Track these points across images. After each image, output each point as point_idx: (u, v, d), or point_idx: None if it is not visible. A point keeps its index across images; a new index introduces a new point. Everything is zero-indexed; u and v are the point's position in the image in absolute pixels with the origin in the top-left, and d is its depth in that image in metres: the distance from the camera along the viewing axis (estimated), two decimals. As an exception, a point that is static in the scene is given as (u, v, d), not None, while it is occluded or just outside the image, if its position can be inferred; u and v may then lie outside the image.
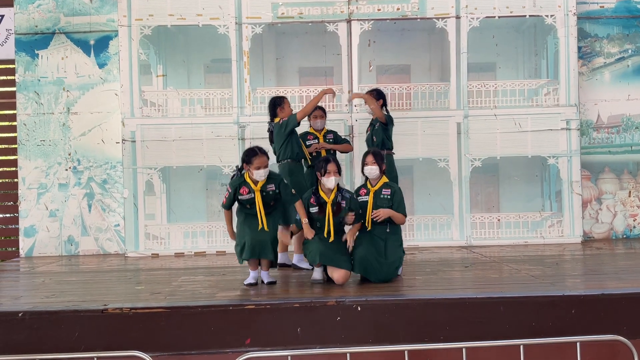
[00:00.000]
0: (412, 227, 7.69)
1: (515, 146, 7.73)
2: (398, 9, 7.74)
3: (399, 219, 5.12)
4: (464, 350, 3.68)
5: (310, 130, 6.35)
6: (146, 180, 7.72)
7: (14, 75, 8.10)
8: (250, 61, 7.77)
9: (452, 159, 7.69)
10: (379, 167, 5.17)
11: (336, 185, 5.13)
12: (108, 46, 8.03)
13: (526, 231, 7.71)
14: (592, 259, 6.46)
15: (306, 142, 6.22)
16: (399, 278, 5.25)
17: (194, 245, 7.69)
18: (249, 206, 5.06)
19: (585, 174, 7.99)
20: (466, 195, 7.70)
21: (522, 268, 5.72)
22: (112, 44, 8.00)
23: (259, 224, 5.00)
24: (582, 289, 4.67)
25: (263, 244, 4.97)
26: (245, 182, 5.06)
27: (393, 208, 5.12)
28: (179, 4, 7.71)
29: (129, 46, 7.69)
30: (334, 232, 5.07)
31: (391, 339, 4.20)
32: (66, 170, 7.99)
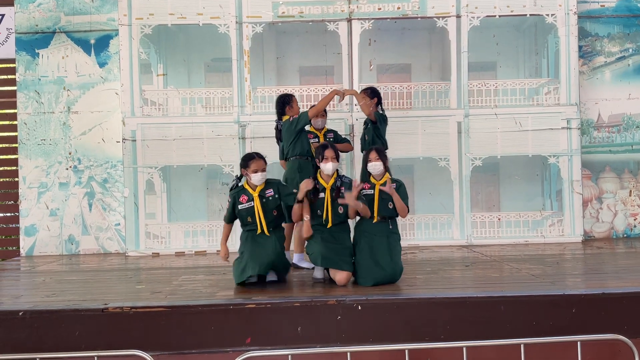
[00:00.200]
0: (413, 226, 7.69)
1: (516, 145, 7.72)
2: (398, 8, 7.74)
3: (402, 207, 5.09)
4: (464, 349, 3.67)
5: (310, 129, 6.35)
6: (147, 180, 7.72)
7: (14, 75, 8.10)
8: (251, 60, 7.77)
9: (453, 158, 7.69)
10: (382, 163, 5.17)
11: (335, 172, 5.16)
12: (108, 45, 8.03)
13: (527, 230, 7.71)
14: (592, 258, 6.45)
15: (307, 141, 6.22)
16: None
17: (195, 244, 7.69)
18: (250, 219, 5.00)
19: (585, 173, 7.98)
20: (467, 195, 7.70)
21: (522, 267, 5.72)
22: (112, 43, 8.01)
23: (264, 245, 4.98)
24: (582, 288, 4.67)
25: (268, 264, 4.96)
26: (244, 190, 5.05)
27: None
28: (180, 3, 7.70)
29: (130, 45, 7.69)
30: (334, 224, 5.08)
31: (392, 338, 4.20)
32: (67, 169, 7.99)
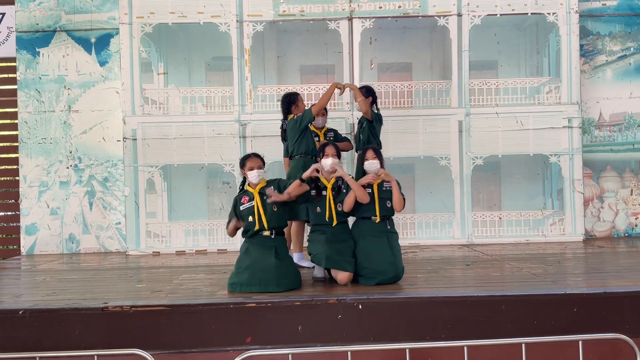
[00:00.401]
0: (414, 225, 7.68)
1: (517, 144, 7.71)
2: (399, 6, 7.72)
3: (400, 199, 5.04)
4: (465, 348, 3.66)
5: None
6: (147, 178, 7.72)
7: (15, 73, 8.09)
8: (252, 59, 7.76)
9: (454, 157, 7.68)
10: (379, 162, 5.17)
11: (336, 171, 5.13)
12: (109, 44, 8.03)
13: (528, 229, 7.70)
14: (593, 257, 6.44)
15: (306, 140, 6.20)
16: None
17: (195, 243, 7.69)
18: (251, 218, 4.91)
19: (587, 172, 7.97)
20: (468, 194, 7.69)
21: (523, 266, 5.71)
22: (113, 41, 8.00)
23: (265, 252, 4.86)
24: (584, 287, 4.66)
25: (269, 274, 4.73)
26: (246, 191, 5.02)
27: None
28: (180, 2, 7.70)
29: (130, 44, 7.69)
30: (337, 222, 5.06)
31: (392, 337, 4.19)
32: (67, 168, 7.99)
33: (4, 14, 8.23)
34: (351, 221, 5.24)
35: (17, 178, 8.12)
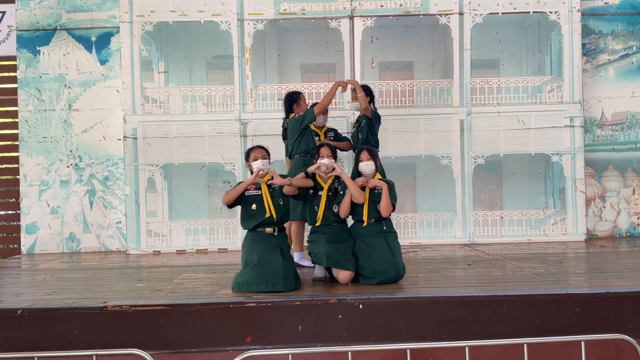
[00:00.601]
0: (415, 225, 7.66)
1: (519, 143, 7.69)
2: (401, 5, 7.70)
3: (388, 204, 5.00)
4: (466, 349, 3.64)
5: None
6: (148, 177, 7.70)
7: (15, 72, 8.08)
8: (252, 58, 7.74)
9: (455, 156, 7.66)
10: (374, 163, 5.14)
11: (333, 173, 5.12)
12: (109, 43, 8.01)
13: (529, 229, 7.67)
14: (595, 257, 6.42)
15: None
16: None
17: (196, 242, 7.67)
18: (254, 207, 4.93)
19: (588, 171, 7.95)
20: (469, 193, 7.67)
21: (525, 266, 5.69)
22: (113, 40, 7.98)
23: (271, 251, 4.83)
24: (586, 287, 4.64)
25: (276, 274, 4.68)
26: (255, 183, 5.01)
27: None
28: (181, 0, 7.68)
29: (131, 43, 7.67)
30: (330, 223, 5.06)
31: (393, 337, 4.17)
32: (68, 167, 7.97)
33: (4, 13, 8.21)
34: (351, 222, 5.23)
35: (17, 177, 8.10)
